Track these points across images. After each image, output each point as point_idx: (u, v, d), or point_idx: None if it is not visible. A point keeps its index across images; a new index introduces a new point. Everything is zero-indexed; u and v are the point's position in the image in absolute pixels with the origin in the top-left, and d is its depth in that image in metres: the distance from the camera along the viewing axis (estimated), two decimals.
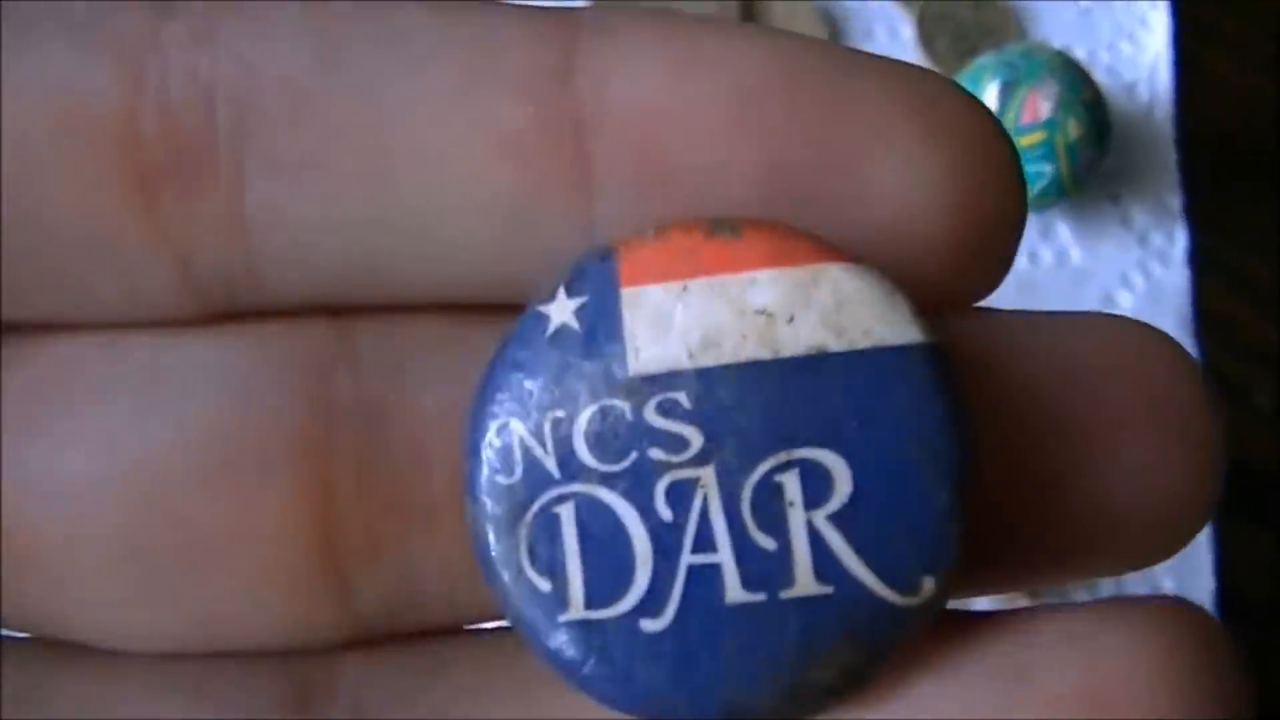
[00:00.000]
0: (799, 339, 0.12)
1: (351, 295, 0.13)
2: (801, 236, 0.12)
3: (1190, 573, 0.44)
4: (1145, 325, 0.13)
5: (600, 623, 0.12)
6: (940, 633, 0.12)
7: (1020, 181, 0.12)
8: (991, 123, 0.12)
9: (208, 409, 0.12)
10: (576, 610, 0.12)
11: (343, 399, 0.13)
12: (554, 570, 0.12)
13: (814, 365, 0.12)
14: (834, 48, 0.12)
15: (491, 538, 0.12)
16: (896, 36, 0.49)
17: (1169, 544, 0.13)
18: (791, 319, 0.12)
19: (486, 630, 0.14)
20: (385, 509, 0.13)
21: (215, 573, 0.13)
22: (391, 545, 0.13)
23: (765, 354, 0.12)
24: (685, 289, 0.12)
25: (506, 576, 0.12)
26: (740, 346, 0.12)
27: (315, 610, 0.13)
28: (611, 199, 0.12)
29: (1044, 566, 0.13)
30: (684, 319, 0.12)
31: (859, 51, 0.12)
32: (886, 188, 0.12)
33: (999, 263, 0.13)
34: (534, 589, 0.12)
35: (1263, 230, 0.47)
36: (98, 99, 0.12)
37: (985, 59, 0.45)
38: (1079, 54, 0.47)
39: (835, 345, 0.12)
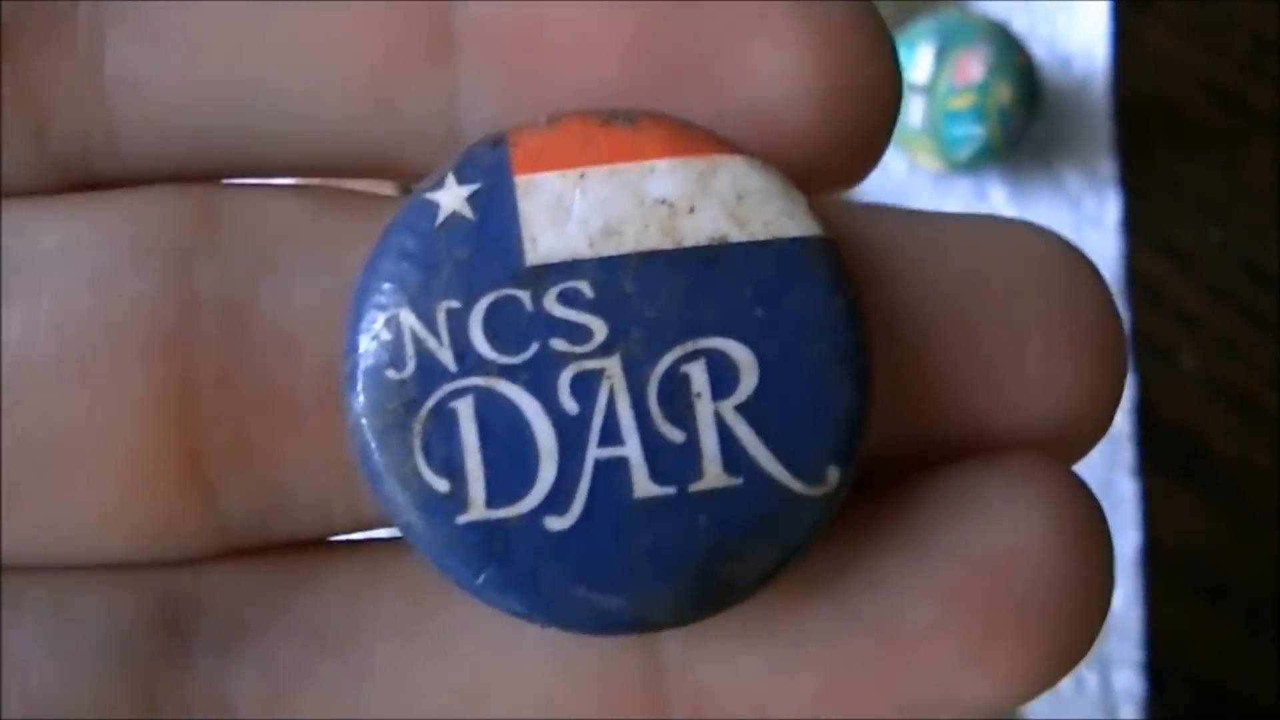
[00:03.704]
0: (700, 229, 0.11)
1: (212, 167, 0.13)
2: (697, 128, 0.12)
3: (1115, 528, 0.45)
4: (1050, 232, 0.13)
5: (502, 522, 0.11)
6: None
7: (894, 71, 0.12)
8: (865, 7, 0.12)
9: (62, 297, 0.12)
10: (477, 510, 0.11)
11: (206, 288, 0.12)
12: (452, 469, 0.11)
13: (716, 255, 0.11)
14: None
15: (380, 436, 0.11)
16: None
17: (1069, 451, 0.13)
18: (692, 209, 0.11)
19: (363, 540, 0.13)
20: (250, 406, 0.12)
21: (69, 473, 0.12)
22: (257, 445, 0.12)
23: (668, 243, 0.11)
24: (583, 177, 0.11)
25: (396, 478, 0.11)
26: (642, 235, 0.11)
27: (177, 515, 0.12)
28: (475, 73, 0.12)
29: (942, 459, 0.13)
30: (583, 207, 0.11)
31: None
32: (756, 69, 0.12)
33: (868, 152, 0.13)
34: (429, 489, 0.11)
35: (1190, 197, 0.49)
36: None
37: (921, 24, 0.45)
38: (1019, 26, 0.49)
39: (736, 236, 0.11)
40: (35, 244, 0.12)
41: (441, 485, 0.11)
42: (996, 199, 0.48)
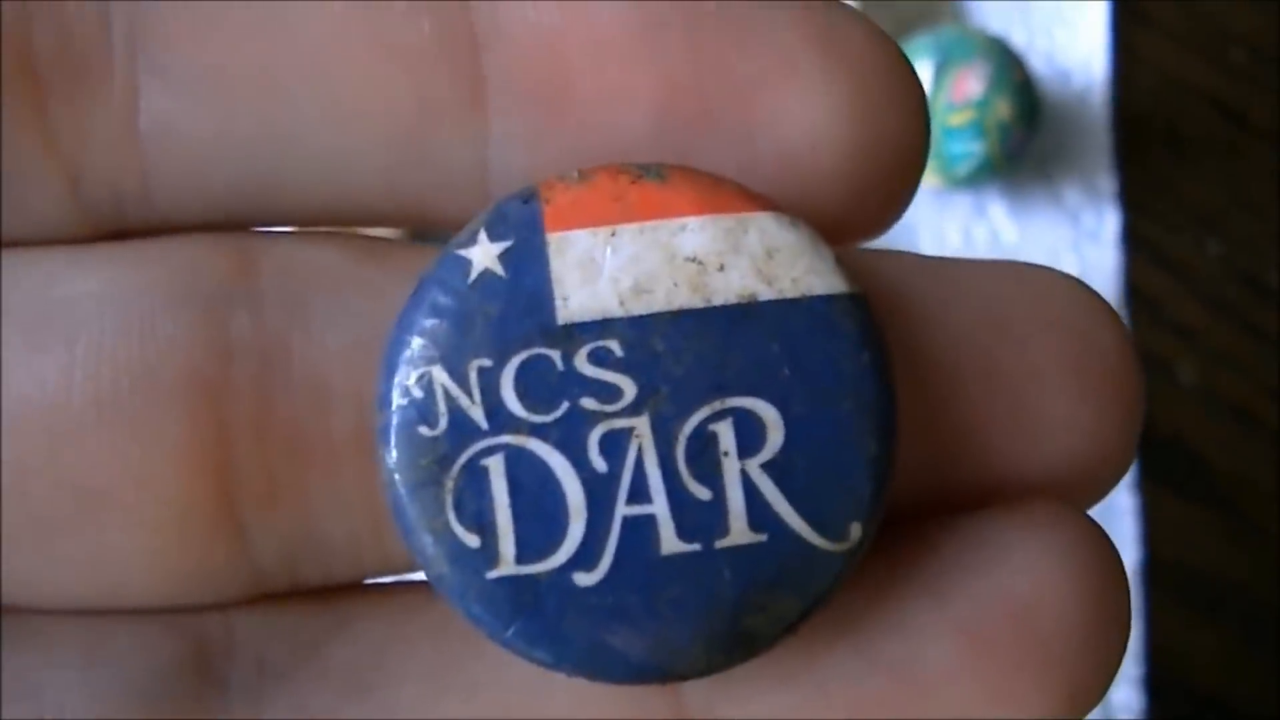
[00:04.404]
0: (730, 287, 0.12)
1: (244, 216, 0.13)
2: (727, 183, 0.12)
3: (1115, 543, 0.45)
4: (1070, 277, 0.13)
5: (532, 578, 0.11)
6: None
7: (923, 115, 0.12)
8: (895, 54, 0.12)
9: (99, 345, 0.12)
10: (507, 566, 0.11)
11: (241, 335, 0.12)
12: (483, 525, 0.11)
13: (745, 314, 0.12)
14: None
15: (412, 492, 0.11)
16: None
17: (1088, 495, 0.13)
18: (722, 267, 0.12)
19: (392, 584, 0.13)
20: (284, 453, 0.12)
21: (104, 517, 0.12)
22: (290, 491, 0.12)
23: (697, 302, 0.12)
24: (614, 234, 0.12)
25: (429, 532, 0.11)
26: (672, 294, 0.12)
27: (211, 560, 0.12)
28: (507, 120, 0.12)
29: (961, 508, 0.13)
30: (614, 265, 0.12)
31: None
32: (787, 117, 0.12)
33: (898, 198, 0.13)
34: (461, 545, 0.11)
35: (1189, 210, 0.49)
36: None
37: (919, 40, 0.46)
38: (1017, 40, 0.49)
39: (766, 294, 0.12)
40: (71, 291, 0.12)
41: (472, 540, 0.11)
42: (996, 215, 0.48)
